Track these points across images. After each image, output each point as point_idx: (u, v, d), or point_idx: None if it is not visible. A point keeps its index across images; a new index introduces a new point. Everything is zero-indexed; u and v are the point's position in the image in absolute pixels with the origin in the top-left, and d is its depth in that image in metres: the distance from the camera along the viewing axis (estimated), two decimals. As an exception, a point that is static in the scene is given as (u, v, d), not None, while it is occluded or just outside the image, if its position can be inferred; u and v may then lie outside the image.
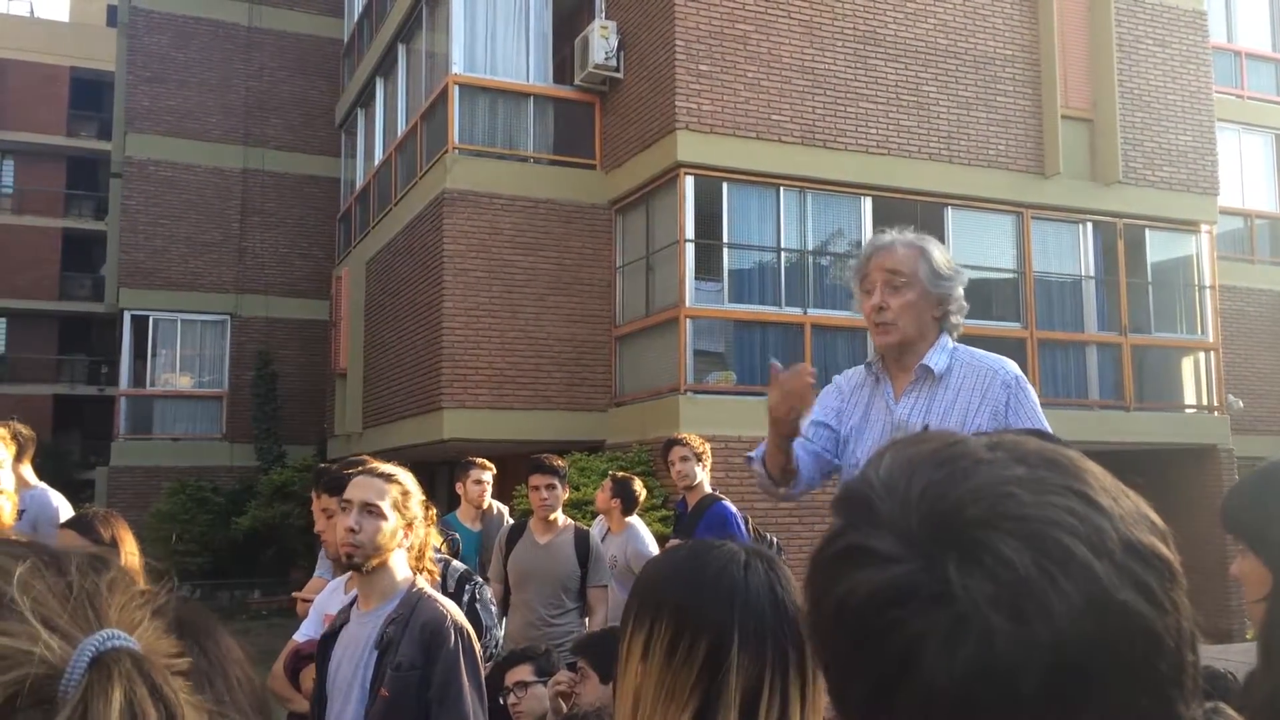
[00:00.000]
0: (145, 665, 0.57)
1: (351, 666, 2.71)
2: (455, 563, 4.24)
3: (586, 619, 5.37)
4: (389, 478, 2.78)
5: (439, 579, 3.10)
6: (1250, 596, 1.58)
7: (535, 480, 5.32)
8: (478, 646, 2.72)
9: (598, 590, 5.32)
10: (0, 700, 0.53)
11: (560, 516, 5.40)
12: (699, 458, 5.43)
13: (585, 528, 5.52)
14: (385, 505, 2.70)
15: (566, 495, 5.50)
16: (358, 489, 2.75)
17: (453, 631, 2.62)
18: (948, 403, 2.60)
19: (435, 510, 3.04)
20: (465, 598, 4.08)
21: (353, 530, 2.68)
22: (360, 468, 2.95)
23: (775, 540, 5.68)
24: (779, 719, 1.22)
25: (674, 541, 5.23)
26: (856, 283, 2.70)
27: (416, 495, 2.82)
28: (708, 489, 5.46)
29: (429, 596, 2.70)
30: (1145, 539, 0.60)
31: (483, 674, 2.70)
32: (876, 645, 0.59)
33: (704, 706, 1.23)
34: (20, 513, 3.38)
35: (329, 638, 2.86)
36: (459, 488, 6.23)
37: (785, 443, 2.56)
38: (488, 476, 6.18)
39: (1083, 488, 0.60)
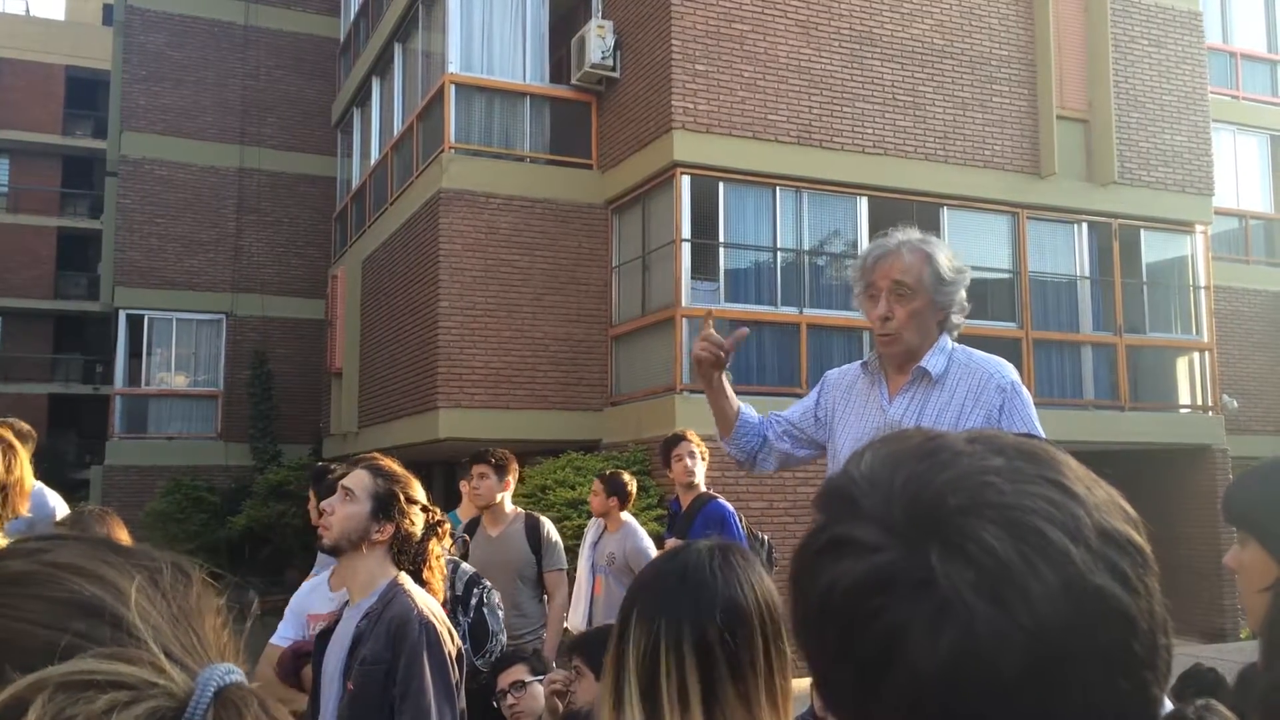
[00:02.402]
0: (266, 702, 0.57)
1: (335, 662, 2.75)
2: (464, 565, 4.15)
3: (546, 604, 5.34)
4: (378, 471, 2.83)
5: (442, 588, 3.08)
6: (1250, 588, 1.57)
7: (474, 469, 5.32)
8: (449, 642, 2.71)
9: (554, 574, 5.29)
10: None
11: (509, 506, 5.37)
12: (700, 456, 5.44)
13: (536, 515, 5.46)
14: (360, 492, 2.77)
15: (509, 487, 5.35)
16: (346, 477, 2.85)
17: (418, 625, 2.63)
18: (941, 404, 2.58)
19: (448, 525, 3.02)
20: (473, 601, 3.99)
21: (325, 512, 2.79)
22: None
23: (768, 539, 5.70)
24: (679, 687, 1.37)
25: (670, 541, 5.24)
26: (860, 285, 2.67)
27: (411, 500, 2.83)
28: (703, 488, 5.46)
29: (404, 592, 2.72)
30: (1119, 526, 0.62)
31: (451, 668, 2.68)
32: (861, 633, 0.60)
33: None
34: (17, 511, 3.38)
35: (325, 634, 2.89)
36: (462, 486, 6.24)
37: (710, 385, 2.88)
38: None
39: (1058, 477, 0.62)
